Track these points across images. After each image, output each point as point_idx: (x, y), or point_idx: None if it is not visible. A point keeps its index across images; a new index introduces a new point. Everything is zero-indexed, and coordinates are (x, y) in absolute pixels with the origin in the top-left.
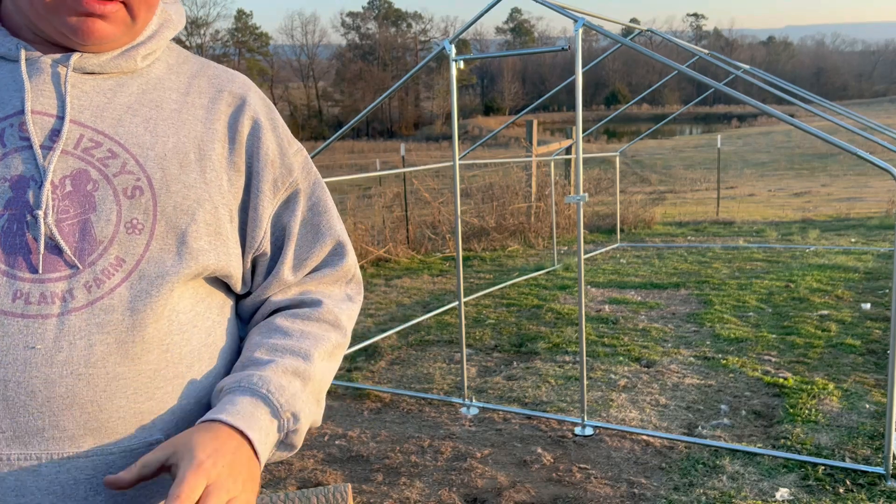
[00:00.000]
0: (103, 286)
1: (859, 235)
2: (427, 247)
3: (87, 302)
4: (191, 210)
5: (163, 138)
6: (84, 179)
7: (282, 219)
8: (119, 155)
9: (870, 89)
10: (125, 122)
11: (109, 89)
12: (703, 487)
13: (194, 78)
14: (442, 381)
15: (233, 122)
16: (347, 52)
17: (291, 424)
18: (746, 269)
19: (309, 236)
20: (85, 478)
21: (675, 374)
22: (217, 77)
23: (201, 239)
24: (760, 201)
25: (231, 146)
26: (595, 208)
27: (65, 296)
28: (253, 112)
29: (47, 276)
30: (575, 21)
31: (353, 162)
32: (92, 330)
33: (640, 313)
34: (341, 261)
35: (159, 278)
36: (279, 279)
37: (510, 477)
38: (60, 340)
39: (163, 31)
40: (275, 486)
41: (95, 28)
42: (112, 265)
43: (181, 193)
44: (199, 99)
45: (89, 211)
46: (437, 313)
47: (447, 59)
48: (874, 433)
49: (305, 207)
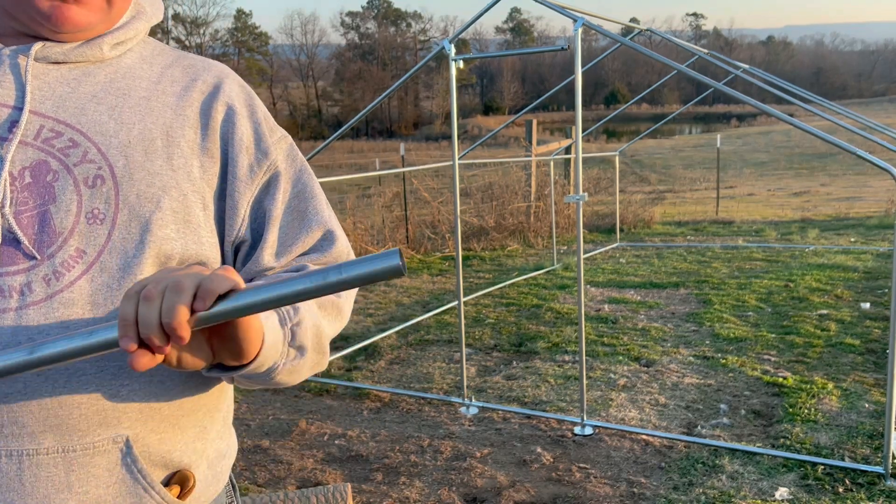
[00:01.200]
0: (63, 279)
1: (859, 235)
2: (426, 246)
3: (46, 296)
4: (155, 197)
5: (128, 125)
6: (44, 170)
7: (262, 204)
8: (80, 144)
9: (869, 89)
10: (88, 110)
11: (74, 79)
12: (702, 487)
13: (168, 68)
14: (441, 381)
15: (205, 108)
16: (347, 51)
17: (291, 317)
18: (746, 269)
19: (295, 223)
20: (46, 475)
21: (675, 373)
22: (192, 66)
23: (167, 227)
24: (760, 201)
25: (203, 132)
26: (594, 208)
27: (23, 289)
28: (227, 98)
29: (5, 270)
30: (574, 21)
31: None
32: (51, 325)
33: (639, 313)
34: (331, 246)
35: (121, 270)
36: (260, 264)
37: (510, 476)
38: (18, 335)
39: (134, 23)
40: (275, 485)
41: (70, 14)
42: (72, 257)
43: (145, 181)
44: (171, 87)
45: (49, 202)
46: (436, 313)
47: (447, 58)
48: (873, 432)
49: (290, 193)
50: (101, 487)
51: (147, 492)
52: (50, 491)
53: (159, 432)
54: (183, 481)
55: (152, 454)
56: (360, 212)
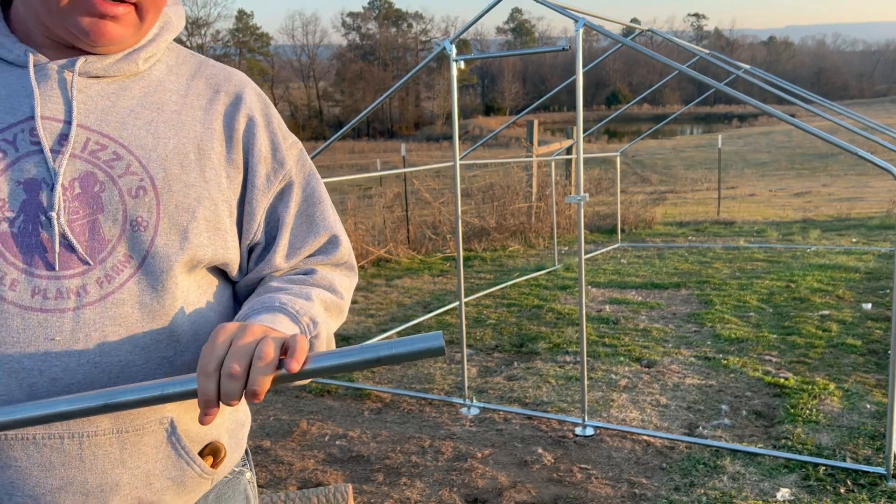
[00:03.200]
0: (114, 282)
1: (860, 235)
2: (427, 247)
3: (100, 297)
4: (191, 208)
5: (164, 140)
6: (91, 181)
7: (276, 211)
8: (123, 157)
9: (870, 89)
10: (128, 124)
11: (113, 93)
12: (703, 487)
13: (192, 79)
14: (442, 382)
15: (229, 121)
16: (348, 52)
17: (312, 329)
18: (747, 269)
19: (304, 227)
20: (103, 453)
21: (676, 374)
22: (214, 77)
23: (201, 235)
24: (761, 201)
25: (228, 144)
26: (596, 208)
27: (79, 291)
28: (248, 110)
29: (63, 273)
30: (575, 21)
31: (354, 162)
32: (105, 322)
33: (640, 313)
34: (335, 249)
35: (164, 273)
36: (272, 265)
37: (511, 477)
38: (77, 332)
39: (163, 34)
40: (276, 486)
41: (107, 30)
42: (121, 262)
43: (182, 192)
44: (198, 101)
45: (97, 211)
46: (437, 313)
47: (448, 59)
48: (875, 433)
49: (300, 198)
50: (150, 462)
51: (189, 465)
52: (106, 466)
53: (194, 412)
54: (215, 452)
55: (190, 432)
56: (361, 212)
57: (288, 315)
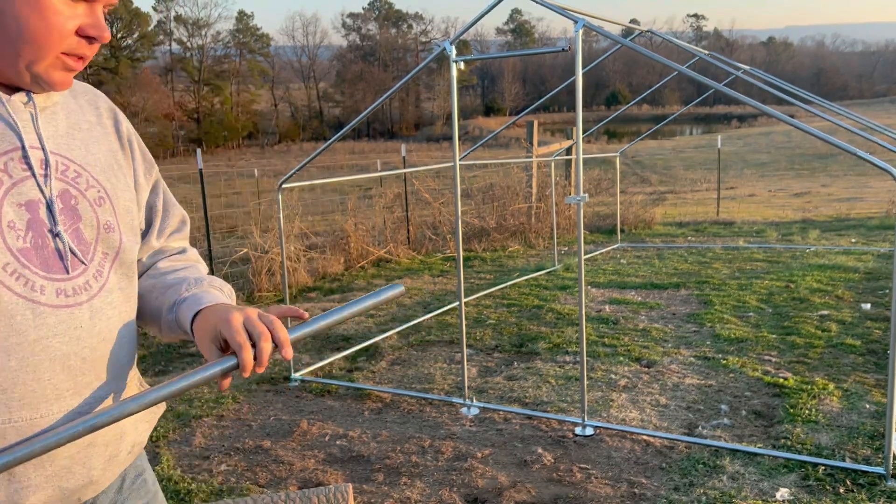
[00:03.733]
0: (102, 276)
1: (859, 235)
2: (428, 247)
3: (99, 288)
4: (131, 209)
5: (97, 155)
6: (68, 197)
7: (150, 201)
8: (82, 174)
9: (870, 90)
10: (73, 146)
11: (50, 120)
12: (703, 487)
13: (78, 99)
14: (442, 382)
15: (118, 132)
16: (348, 52)
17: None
18: (747, 270)
19: (167, 211)
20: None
21: (676, 374)
22: (85, 94)
23: (138, 230)
24: (761, 201)
25: (124, 151)
26: (595, 209)
27: (85, 287)
28: (124, 122)
29: (73, 275)
30: (575, 22)
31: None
32: (105, 308)
33: (640, 313)
34: (185, 226)
35: (131, 263)
36: (149, 245)
37: (511, 477)
38: (93, 318)
39: None
40: (276, 486)
41: (69, 80)
42: (101, 260)
43: (123, 197)
44: (94, 118)
45: (77, 221)
46: (437, 313)
47: (448, 59)
48: (874, 433)
49: (162, 189)
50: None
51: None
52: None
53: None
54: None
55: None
56: (362, 212)
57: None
